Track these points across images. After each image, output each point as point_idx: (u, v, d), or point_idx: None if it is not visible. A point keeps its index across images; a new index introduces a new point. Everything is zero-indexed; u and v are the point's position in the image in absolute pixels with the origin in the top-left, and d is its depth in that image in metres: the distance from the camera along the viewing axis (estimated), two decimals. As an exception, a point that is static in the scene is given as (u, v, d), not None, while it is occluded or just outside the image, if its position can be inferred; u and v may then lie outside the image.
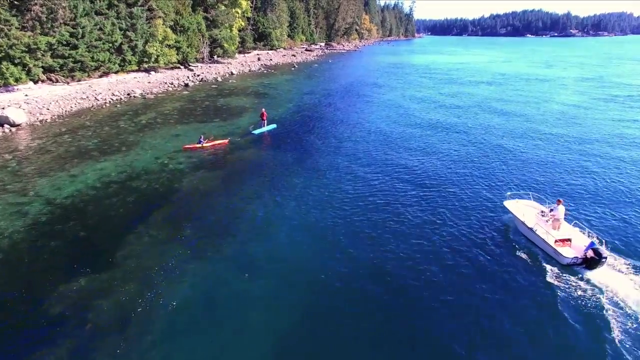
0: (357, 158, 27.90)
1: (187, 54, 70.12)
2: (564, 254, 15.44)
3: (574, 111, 44.54)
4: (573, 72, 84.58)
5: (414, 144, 31.51)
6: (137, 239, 16.80)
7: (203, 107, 44.26)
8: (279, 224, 18.38)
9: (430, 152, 29.67)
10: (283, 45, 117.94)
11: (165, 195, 21.18)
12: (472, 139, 33.12)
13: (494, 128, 36.91)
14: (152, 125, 35.86)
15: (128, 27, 57.91)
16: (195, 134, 32.78)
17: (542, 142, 32.32)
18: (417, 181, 23.67)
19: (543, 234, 16.35)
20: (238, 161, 27.30)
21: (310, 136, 33.57)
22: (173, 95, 50.86)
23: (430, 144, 31.60)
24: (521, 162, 27.51)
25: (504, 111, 44.38)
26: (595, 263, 14.80)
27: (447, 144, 31.80)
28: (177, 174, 24.23)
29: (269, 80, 67.38)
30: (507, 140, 32.82)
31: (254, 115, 40.23)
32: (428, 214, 19.47)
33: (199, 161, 26.76)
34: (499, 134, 34.68)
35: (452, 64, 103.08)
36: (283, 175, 24.51)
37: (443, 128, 37.05)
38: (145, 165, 25.54)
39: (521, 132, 35.27)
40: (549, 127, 37.38)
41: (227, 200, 20.74)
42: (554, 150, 30.24)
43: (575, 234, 16.56)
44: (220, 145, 30.42)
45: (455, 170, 25.78)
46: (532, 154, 29.14)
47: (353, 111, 43.76)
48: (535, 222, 17.07)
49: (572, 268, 15.19)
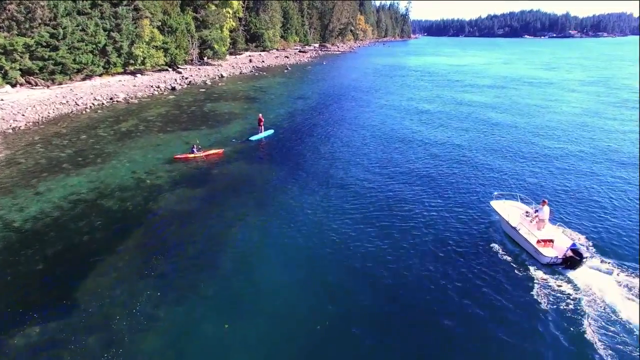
0: (351, 169, 26.29)
1: (176, 56, 68.34)
2: (544, 253, 15.82)
3: (585, 117, 43.22)
4: (577, 75, 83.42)
5: (412, 154, 30.01)
6: (103, 274, 14.79)
7: (189, 113, 42.26)
8: (268, 254, 16.50)
9: (431, 161, 28.51)
10: (276, 47, 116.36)
11: (139, 219, 19.11)
12: (475, 145, 32.23)
13: (499, 134, 35.78)
14: (132, 133, 33.86)
15: (112, 27, 56.17)
16: (178, 143, 30.91)
17: (552, 148, 31.45)
18: (420, 197, 22.20)
19: (525, 234, 16.71)
20: (225, 175, 25.29)
21: (303, 146, 31.74)
22: (158, 100, 48.90)
23: (431, 153, 30.27)
24: (527, 166, 27.47)
25: (509, 117, 42.97)
26: (575, 263, 15.17)
27: (450, 151, 30.59)
28: (155, 191, 22.16)
29: (261, 83, 65.55)
30: (513, 146, 31.94)
31: (243, 121, 38.51)
32: (427, 226, 19.21)
33: (181, 175, 24.75)
34: (504, 140, 33.68)
35: (451, 66, 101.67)
36: (274, 192, 22.61)
37: (444, 134, 35.81)
38: (120, 180, 23.48)
39: (528, 138, 34.27)
40: (558, 132, 36.44)
41: (210, 224, 18.72)
42: (564, 156, 29.53)
43: (559, 234, 16.94)
44: (215, 156, 28.62)
45: (459, 175, 25.74)
46: (542, 160, 28.69)
47: (348, 117, 41.99)
48: (518, 222, 17.42)
49: (553, 268, 15.61)
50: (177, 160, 27.40)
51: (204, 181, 24.07)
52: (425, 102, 51.49)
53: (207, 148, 29.26)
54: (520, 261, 16.12)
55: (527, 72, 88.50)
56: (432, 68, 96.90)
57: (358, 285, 14.63)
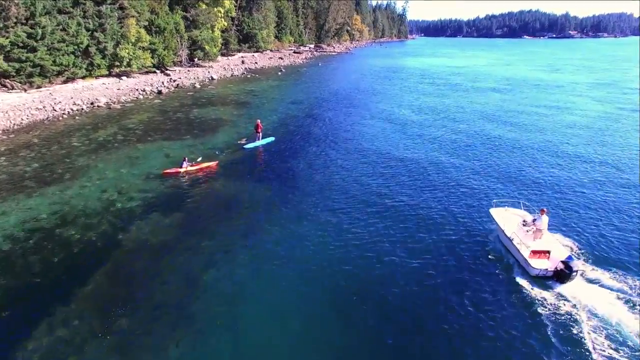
0: (350, 185, 24.04)
1: (164, 57, 65.68)
2: (533, 265, 15.34)
3: (597, 122, 41.33)
4: (584, 77, 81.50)
5: (414, 164, 28.06)
6: (46, 333, 12.20)
7: (174, 119, 39.59)
8: (254, 301, 13.99)
9: (433, 168, 27.34)
10: (270, 47, 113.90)
11: (103, 254, 16.39)
12: (479, 151, 31.36)
13: (504, 140, 34.44)
14: (109, 143, 31.22)
15: (96, 27, 53.61)
16: (157, 155, 28.34)
17: (561, 155, 30.52)
18: (421, 208, 20.41)
19: (518, 244, 16.23)
20: (209, 195, 22.68)
21: (297, 159, 29.28)
22: (143, 105, 46.26)
23: (433, 161, 28.81)
24: (534, 173, 26.76)
25: (516, 122, 40.96)
26: (564, 276, 14.67)
27: (453, 158, 29.38)
28: (126, 217, 19.48)
29: (253, 86, 62.95)
30: (519, 152, 31.07)
31: (232, 130, 36.03)
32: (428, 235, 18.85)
33: (157, 196, 22.04)
34: (510, 146, 32.65)
35: (451, 68, 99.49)
36: (266, 216, 20.08)
37: (447, 141, 34.16)
38: (87, 203, 20.79)
39: (536, 145, 33.17)
40: (567, 139, 35.04)
41: (187, 260, 16.10)
42: (573, 164, 28.66)
43: (556, 245, 16.39)
44: (209, 169, 26.38)
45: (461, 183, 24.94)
46: (550, 168, 27.90)
47: (345, 125, 39.46)
48: (512, 231, 16.91)
49: (543, 280, 15.09)
50: (166, 175, 25.05)
51: (183, 203, 21.40)
52: (427, 107, 49.24)
53: (199, 161, 26.92)
54: (511, 272, 15.75)
55: (530, 74, 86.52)
56: (431, 70, 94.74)
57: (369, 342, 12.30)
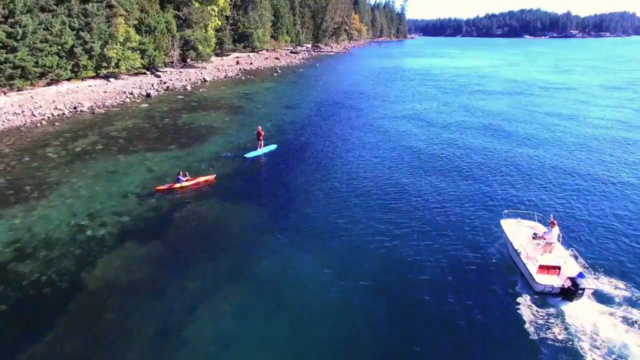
0: (352, 203, 22.05)
1: (154, 58, 63.42)
2: (537, 280, 14.64)
3: (616, 129, 39.41)
4: (594, 79, 79.50)
5: (421, 176, 26.31)
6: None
7: (160, 126, 37.30)
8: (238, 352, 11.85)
9: (441, 178, 25.99)
10: (265, 47, 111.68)
11: (63, 298, 13.98)
12: (491, 159, 30.07)
13: (517, 147, 33.06)
14: (87, 154, 28.92)
15: (82, 26, 51.38)
16: (138, 170, 26.09)
17: (577, 163, 29.42)
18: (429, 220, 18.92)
19: (524, 258, 15.56)
20: (195, 218, 20.31)
21: (294, 173, 27.18)
22: (129, 109, 43.93)
23: (441, 169, 27.63)
24: (548, 184, 25.65)
25: (528, 128, 39.04)
26: (571, 294, 13.89)
27: (462, 166, 28.26)
28: (94, 248, 17.03)
29: (247, 88, 60.75)
30: (533, 160, 29.80)
31: (222, 139, 33.83)
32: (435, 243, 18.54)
33: (134, 221, 19.63)
34: (523, 154, 31.28)
35: (454, 69, 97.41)
36: (259, 245, 17.94)
37: (457, 149, 32.48)
38: (52, 228, 18.47)
39: (554, 154, 31.58)
40: (584, 146, 33.62)
41: (161, 306, 13.76)
42: (590, 174, 27.43)
43: (569, 261, 15.50)
44: (206, 183, 24.50)
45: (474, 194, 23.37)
46: (565, 177, 26.82)
47: (346, 132, 37.26)
48: (520, 244, 16.25)
49: (550, 297, 14.39)
50: (159, 192, 23.05)
51: (165, 229, 19.03)
52: (431, 111, 47.25)
53: (195, 174, 24.93)
54: (515, 288, 15.14)
55: (537, 75, 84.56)
56: (433, 71, 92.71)
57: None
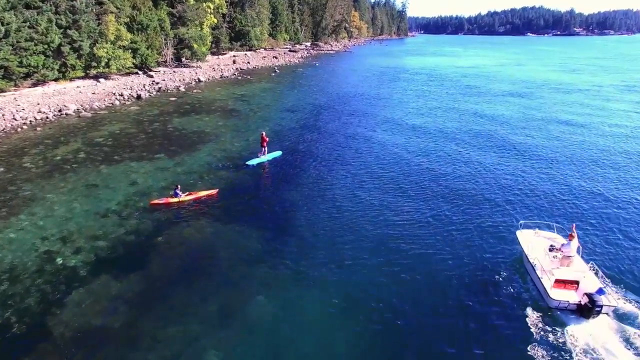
0: (357, 215, 20.77)
1: (147, 57, 61.52)
2: (552, 295, 14.06)
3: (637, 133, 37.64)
4: (607, 79, 77.84)
5: (433, 186, 24.85)
6: None
7: (148, 132, 35.26)
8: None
9: (456, 192, 24.25)
10: (263, 46, 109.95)
11: (21, 349, 11.94)
12: (504, 166, 28.58)
13: (533, 153, 31.75)
14: (67, 164, 26.93)
15: (69, 24, 49.50)
16: (121, 183, 24.16)
17: (598, 170, 28.13)
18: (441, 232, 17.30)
19: (539, 271, 15.00)
20: (186, 242, 18.32)
21: (299, 183, 25.50)
22: (117, 112, 41.97)
23: (458, 179, 25.95)
24: (568, 193, 24.48)
25: (547, 134, 37.38)
26: (587, 312, 13.30)
27: (475, 174, 26.83)
28: (64, 282, 14.81)
29: (243, 89, 58.86)
30: (554, 170, 28.05)
31: (216, 145, 32.03)
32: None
33: (112, 248, 17.36)
34: (539, 161, 29.85)
35: (459, 69, 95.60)
36: (253, 278, 16.05)
37: (470, 155, 30.87)
38: (18, 256, 16.32)
39: (574, 161, 30.16)
40: (605, 152, 32.34)
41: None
42: (612, 183, 26.08)
43: (589, 275, 14.77)
44: (207, 198, 22.70)
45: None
46: (586, 186, 25.45)
47: (348, 138, 35.30)
48: (534, 256, 15.65)
49: (566, 314, 13.74)
50: (154, 206, 21.38)
51: (145, 259, 16.81)
52: (439, 114, 45.52)
53: (196, 189, 23.23)
54: (528, 303, 14.51)
55: (546, 75, 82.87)
56: (437, 70, 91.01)
57: None
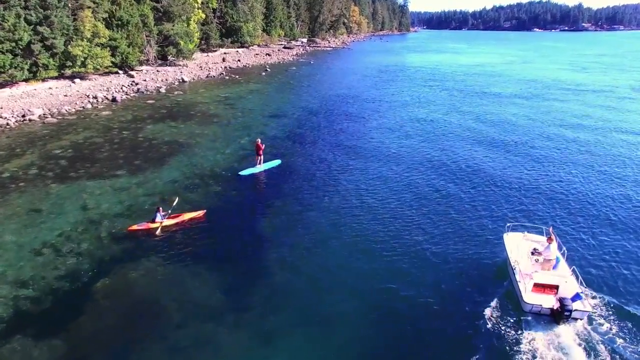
0: (350, 241, 18.34)
1: (127, 55, 58.92)
2: (526, 299, 14.35)
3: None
4: (621, 78, 75.21)
5: (430, 201, 22.07)
6: None
7: (116, 141, 32.37)
8: None
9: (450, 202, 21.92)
10: (257, 42, 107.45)
11: None
12: (515, 175, 25.66)
13: (550, 164, 28.94)
14: (14, 183, 24.09)
15: (40, 20, 46.84)
16: (72, 206, 21.53)
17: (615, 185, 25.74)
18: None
19: (518, 275, 15.26)
20: (142, 290, 15.67)
21: (287, 203, 23.23)
22: (87, 118, 39.25)
23: (449, 192, 23.30)
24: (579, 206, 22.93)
25: (561, 143, 34.97)
26: (558, 317, 13.72)
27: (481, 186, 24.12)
28: None
29: (229, 91, 56.17)
30: (571, 180, 25.02)
31: (186, 160, 29.26)
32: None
33: (42, 298, 14.46)
34: (557, 172, 27.18)
35: (464, 67, 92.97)
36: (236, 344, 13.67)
37: (474, 169, 28.37)
38: None
39: (592, 171, 28.13)
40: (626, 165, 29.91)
41: None
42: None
43: (570, 280, 15.03)
44: (193, 221, 20.57)
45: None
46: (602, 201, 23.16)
47: (340, 150, 32.33)
48: (515, 259, 15.96)
49: (539, 319, 14.09)
50: (132, 232, 19.40)
51: (80, 314, 13.94)
52: (438, 120, 43.01)
53: (179, 211, 20.95)
54: (507, 306, 14.85)
55: (555, 74, 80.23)
56: (440, 69, 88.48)
57: None
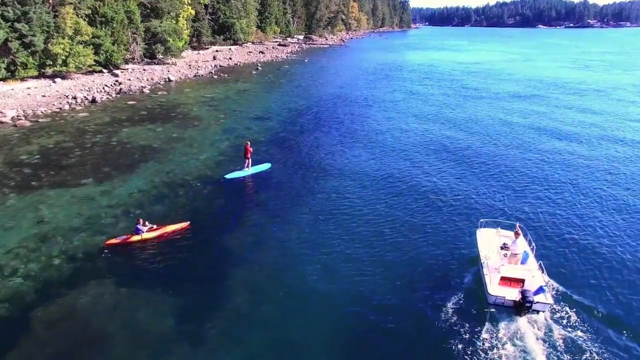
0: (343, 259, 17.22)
1: (112, 54, 57.50)
2: (490, 291, 14.85)
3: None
4: (626, 78, 74.23)
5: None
6: None
7: (87, 146, 31.04)
8: None
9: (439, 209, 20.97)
10: (251, 39, 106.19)
11: None
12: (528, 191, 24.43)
13: (550, 171, 27.72)
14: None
15: (18, 16, 45.51)
16: (26, 219, 20.27)
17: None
18: None
19: (486, 268, 15.73)
20: (106, 320, 14.61)
21: (275, 213, 22.27)
22: (62, 120, 37.90)
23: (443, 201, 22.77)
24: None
25: (559, 147, 34.11)
26: (519, 308, 14.23)
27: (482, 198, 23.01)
28: None
29: (216, 91, 54.78)
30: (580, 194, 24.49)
31: (158, 166, 27.98)
32: None
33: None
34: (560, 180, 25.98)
35: (464, 65, 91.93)
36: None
37: (477, 172, 27.23)
38: None
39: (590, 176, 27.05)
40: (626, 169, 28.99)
41: None
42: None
43: (537, 274, 15.43)
44: (176, 233, 19.76)
45: None
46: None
47: (326, 156, 30.98)
48: (485, 254, 16.34)
49: (503, 311, 14.64)
50: (110, 246, 18.60)
51: (50, 334, 13.12)
52: (440, 123, 41.84)
53: (163, 221, 20.18)
54: (474, 299, 15.32)
55: (558, 73, 79.09)
56: (440, 67, 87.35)
57: None
